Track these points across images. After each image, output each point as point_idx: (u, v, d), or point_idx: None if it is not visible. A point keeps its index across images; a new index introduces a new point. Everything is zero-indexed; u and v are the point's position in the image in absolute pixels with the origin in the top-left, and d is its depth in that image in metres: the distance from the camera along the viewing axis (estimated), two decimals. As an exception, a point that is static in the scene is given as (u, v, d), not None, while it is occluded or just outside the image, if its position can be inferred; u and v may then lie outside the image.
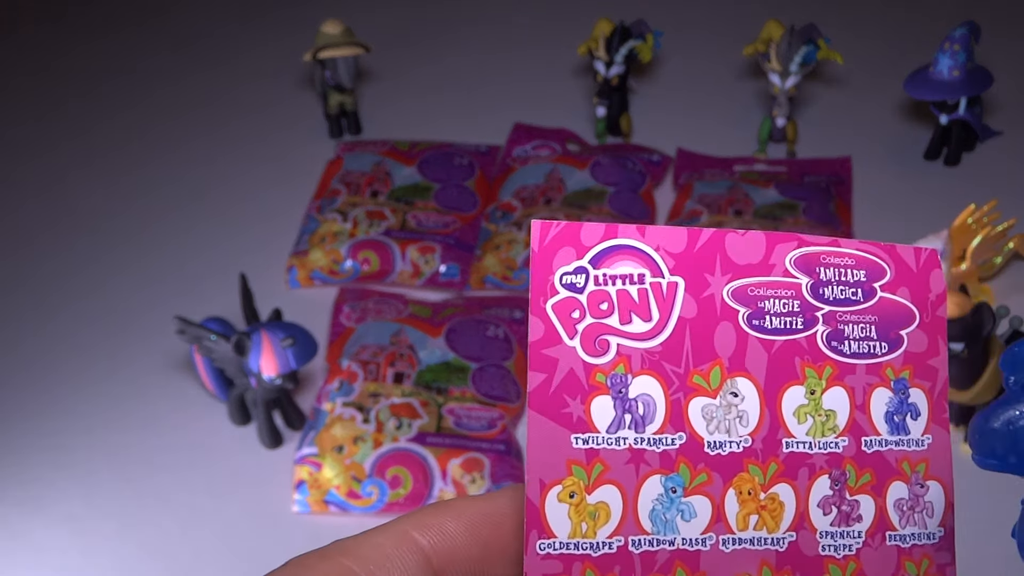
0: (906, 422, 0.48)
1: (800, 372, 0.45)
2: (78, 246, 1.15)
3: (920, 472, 0.48)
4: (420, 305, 1.01)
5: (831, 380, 0.45)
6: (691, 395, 0.43)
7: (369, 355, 0.95)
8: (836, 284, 0.46)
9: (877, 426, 0.47)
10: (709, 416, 0.43)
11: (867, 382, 0.46)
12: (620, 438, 0.41)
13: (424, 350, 0.95)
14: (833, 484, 0.46)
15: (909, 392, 0.48)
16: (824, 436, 0.45)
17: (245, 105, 1.34)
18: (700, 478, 0.43)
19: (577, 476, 0.40)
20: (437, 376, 0.94)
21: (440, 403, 0.92)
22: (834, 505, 0.46)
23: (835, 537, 0.46)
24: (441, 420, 0.90)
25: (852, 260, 0.47)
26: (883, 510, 0.47)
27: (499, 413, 0.92)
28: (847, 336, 0.45)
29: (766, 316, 0.44)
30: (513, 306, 1.03)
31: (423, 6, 1.50)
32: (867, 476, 0.47)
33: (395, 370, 0.94)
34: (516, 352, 0.98)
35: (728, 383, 0.44)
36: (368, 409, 0.91)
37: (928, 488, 0.47)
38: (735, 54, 1.26)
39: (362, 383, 0.93)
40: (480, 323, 0.99)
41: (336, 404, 0.91)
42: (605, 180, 1.13)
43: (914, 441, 0.48)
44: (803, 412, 0.45)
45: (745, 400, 0.44)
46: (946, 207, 1.03)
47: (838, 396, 0.45)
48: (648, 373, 0.42)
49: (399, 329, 0.97)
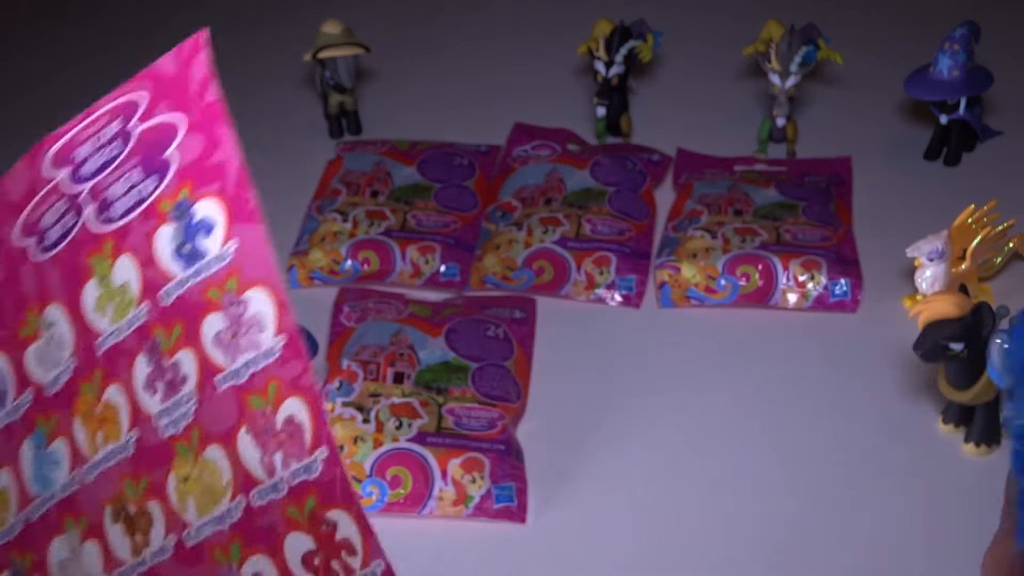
0: (200, 244, 0.42)
1: (87, 266, 0.40)
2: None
3: (232, 289, 0.42)
4: (420, 305, 1.01)
5: (114, 253, 0.41)
6: (24, 348, 0.40)
7: (369, 355, 0.95)
8: (94, 155, 0.42)
9: (169, 270, 0.42)
10: (40, 358, 0.40)
11: (145, 231, 0.41)
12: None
13: (424, 350, 0.95)
14: (150, 359, 0.41)
15: (193, 211, 0.42)
16: (127, 315, 0.41)
17: (245, 105, 1.33)
18: (51, 423, 0.40)
19: None
20: (437, 376, 0.93)
21: (440, 403, 0.91)
22: (157, 380, 0.41)
23: (170, 413, 0.41)
24: (441, 420, 0.90)
25: (107, 117, 0.43)
26: (204, 357, 0.42)
27: (499, 413, 0.91)
28: (112, 200, 0.42)
29: (47, 233, 0.40)
30: (513, 306, 1.03)
31: (423, 6, 1.50)
32: (178, 329, 0.41)
33: (395, 370, 0.94)
34: (516, 352, 0.97)
35: (43, 318, 0.40)
36: (368, 409, 0.90)
37: (246, 303, 0.41)
38: (735, 54, 1.26)
39: (362, 383, 0.93)
40: (480, 323, 0.99)
41: (336, 404, 0.91)
42: (605, 180, 1.13)
43: (216, 259, 0.42)
44: (102, 303, 0.41)
45: (56, 325, 0.41)
46: (946, 207, 1.03)
47: (125, 265, 0.41)
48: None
49: (399, 329, 0.97)
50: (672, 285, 1.04)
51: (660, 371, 0.98)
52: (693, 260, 1.04)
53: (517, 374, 0.96)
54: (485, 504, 0.86)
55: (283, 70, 1.37)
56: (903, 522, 0.85)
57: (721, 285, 1.03)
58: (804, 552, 0.84)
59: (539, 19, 1.46)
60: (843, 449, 0.91)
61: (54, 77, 1.41)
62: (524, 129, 1.22)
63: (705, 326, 1.02)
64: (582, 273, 1.05)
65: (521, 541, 0.86)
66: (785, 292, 1.03)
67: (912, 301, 1.02)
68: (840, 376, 0.97)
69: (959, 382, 0.86)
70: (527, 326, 1.01)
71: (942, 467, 0.89)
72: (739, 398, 0.96)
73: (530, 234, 1.08)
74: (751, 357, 0.99)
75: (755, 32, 1.17)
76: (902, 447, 0.91)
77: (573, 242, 1.07)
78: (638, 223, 1.10)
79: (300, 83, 1.36)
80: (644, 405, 0.95)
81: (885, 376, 0.97)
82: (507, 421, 0.91)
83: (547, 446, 0.92)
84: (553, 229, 1.08)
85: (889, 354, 0.98)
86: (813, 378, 0.97)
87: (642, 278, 1.06)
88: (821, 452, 0.91)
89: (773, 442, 0.92)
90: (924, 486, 0.88)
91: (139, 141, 0.42)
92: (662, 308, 1.04)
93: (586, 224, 1.08)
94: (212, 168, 0.41)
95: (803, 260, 1.03)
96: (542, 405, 0.96)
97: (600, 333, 1.02)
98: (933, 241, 0.95)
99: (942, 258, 0.96)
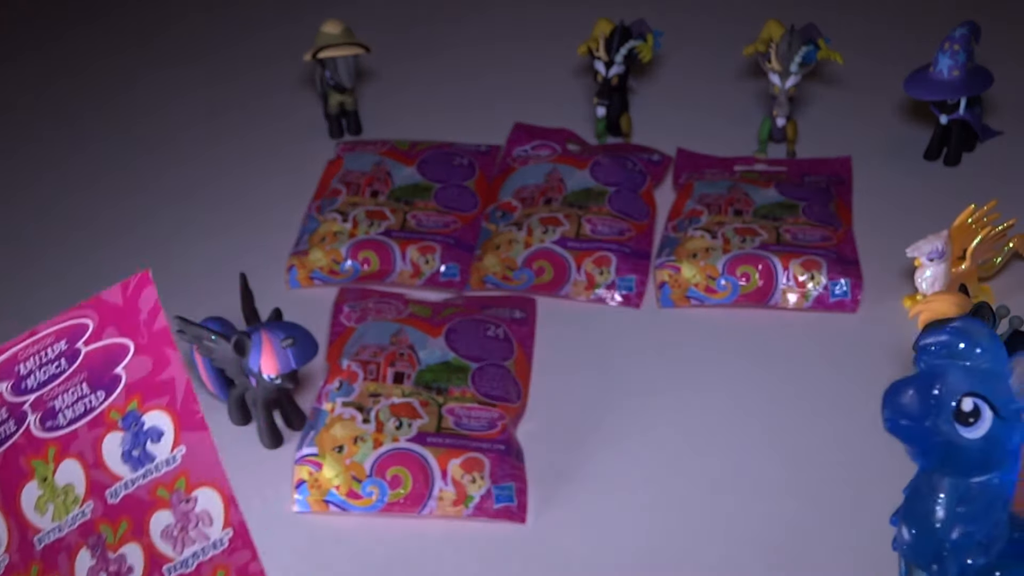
0: (149, 449, 0.48)
1: (28, 469, 0.44)
2: (78, 246, 1.15)
3: (181, 488, 0.48)
4: (420, 305, 1.01)
5: (58, 457, 0.45)
6: None
7: (369, 355, 0.95)
8: (38, 370, 0.46)
9: (116, 471, 0.47)
10: None
11: (94, 437, 0.47)
12: None
13: (424, 350, 0.95)
14: (93, 553, 0.46)
15: (143, 420, 0.48)
16: (70, 512, 0.45)
17: (245, 105, 1.34)
18: None
19: None
20: (437, 376, 0.93)
21: (440, 403, 0.91)
22: (101, 573, 0.45)
23: None
24: (441, 420, 0.90)
25: (52, 338, 0.47)
26: (151, 549, 0.46)
27: (499, 413, 0.91)
28: (59, 409, 0.46)
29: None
30: (513, 306, 1.03)
31: (423, 7, 1.50)
32: (124, 524, 0.47)
33: (395, 370, 0.93)
34: (516, 352, 0.97)
35: None
36: (368, 409, 0.90)
37: (195, 500, 0.46)
38: (735, 54, 1.26)
39: (362, 383, 0.92)
40: (480, 323, 0.99)
41: (336, 404, 0.91)
42: (605, 180, 1.13)
43: (164, 461, 0.48)
44: (43, 502, 0.45)
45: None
46: (946, 207, 1.03)
47: (70, 468, 0.46)
48: None
49: (399, 329, 0.97)
50: (672, 285, 1.04)
51: (660, 371, 0.98)
52: (693, 260, 1.04)
53: (517, 374, 0.96)
54: (485, 504, 0.86)
55: (283, 70, 1.37)
56: (903, 522, 0.85)
57: (721, 285, 1.03)
58: (804, 552, 0.84)
59: (539, 19, 1.46)
60: (843, 449, 0.91)
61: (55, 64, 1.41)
62: (524, 129, 1.22)
63: (705, 326, 1.02)
64: (582, 273, 1.05)
65: (521, 541, 0.86)
66: (785, 292, 1.03)
67: (912, 301, 1.02)
68: (840, 376, 0.97)
69: (959, 382, 0.86)
70: (527, 326, 1.01)
71: (942, 467, 0.89)
72: (739, 398, 0.96)
73: (530, 234, 1.08)
74: (751, 357, 0.99)
75: (755, 32, 1.17)
76: (902, 447, 0.91)
77: (573, 242, 1.07)
78: (638, 223, 1.10)
79: (300, 83, 1.36)
80: (644, 405, 0.95)
81: (885, 376, 0.96)
82: (507, 421, 0.91)
83: (547, 446, 0.92)
84: (553, 229, 1.08)
85: (889, 354, 0.98)
86: (813, 378, 0.97)
87: (642, 278, 1.06)
88: (821, 452, 0.91)
89: (773, 442, 0.92)
90: (924, 486, 0.88)
91: (87, 358, 0.46)
92: (662, 308, 1.04)
93: (586, 224, 1.08)
94: (160, 384, 0.46)
95: (803, 260, 1.03)
96: (542, 405, 0.96)
97: (600, 333, 1.02)
98: (933, 241, 0.95)
99: (942, 258, 0.96)
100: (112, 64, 1.42)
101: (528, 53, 1.39)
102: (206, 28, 1.48)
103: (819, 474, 0.89)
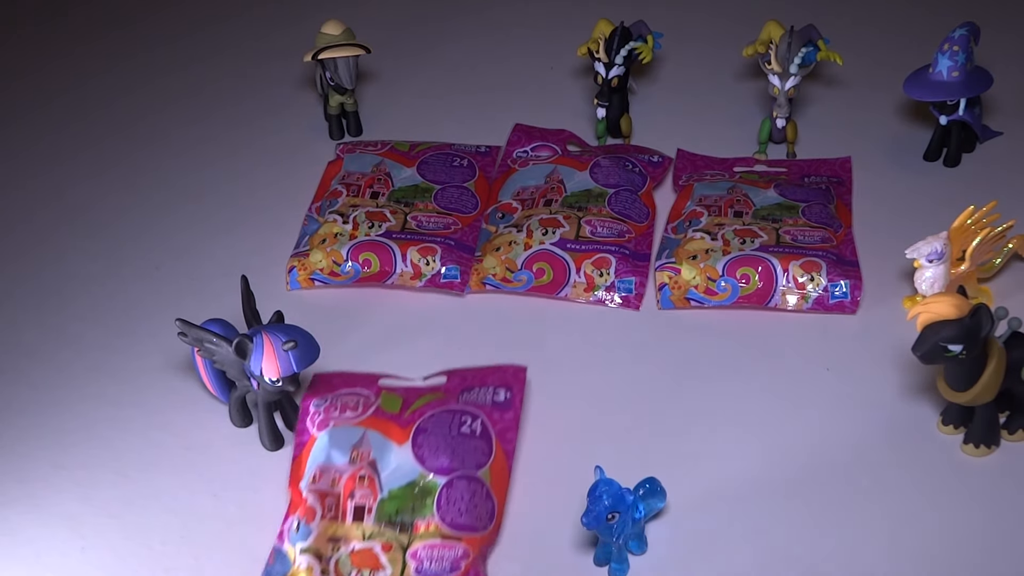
0: None
1: None
2: (78, 248, 1.15)
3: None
4: (391, 394, 0.92)
5: None
6: None
7: (327, 483, 0.87)
8: None
9: None
10: None
11: None
12: None
13: (387, 468, 0.87)
14: None
15: None
16: None
17: (245, 105, 1.34)
18: None
19: None
20: (401, 504, 0.86)
21: (404, 545, 0.84)
22: None
23: None
24: (404, 568, 0.83)
25: None
26: None
27: (463, 550, 0.84)
28: None
29: None
30: (498, 382, 0.92)
31: (423, 7, 1.50)
32: None
33: (355, 502, 0.86)
34: (494, 453, 0.88)
35: None
36: (328, 559, 0.84)
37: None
38: (735, 54, 1.26)
39: (320, 523, 0.85)
40: (455, 415, 0.89)
41: (296, 551, 0.84)
42: (605, 181, 1.13)
43: None
44: None
45: None
46: (946, 208, 1.04)
47: None
48: None
49: (362, 436, 0.88)
50: (672, 287, 1.04)
51: (660, 373, 0.98)
52: (693, 262, 1.04)
53: (492, 485, 0.87)
54: None
55: (283, 70, 1.38)
56: (903, 522, 0.85)
57: (721, 287, 1.03)
58: (804, 552, 0.84)
59: (539, 20, 1.46)
60: (843, 449, 0.91)
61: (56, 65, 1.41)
62: (524, 130, 1.22)
63: (705, 328, 1.02)
64: (582, 275, 1.05)
65: None
66: (785, 294, 1.03)
67: (911, 302, 1.02)
68: (840, 376, 0.97)
69: (958, 383, 0.86)
70: (510, 410, 0.90)
71: (942, 468, 0.89)
72: (739, 399, 0.96)
73: (530, 235, 1.08)
74: (751, 358, 0.99)
75: (755, 32, 1.17)
76: (902, 447, 0.91)
77: (573, 243, 1.07)
78: (638, 224, 1.10)
79: (300, 83, 1.36)
80: (644, 406, 0.95)
81: (885, 377, 0.97)
82: (472, 559, 0.84)
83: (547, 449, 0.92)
84: (553, 231, 1.08)
85: (889, 355, 0.98)
86: (813, 378, 0.97)
87: (642, 280, 1.06)
88: (821, 452, 0.91)
89: (773, 443, 0.92)
90: (924, 487, 0.88)
91: None
92: (662, 310, 1.04)
93: (586, 226, 1.08)
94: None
95: (803, 262, 1.03)
96: (543, 406, 0.96)
97: (600, 335, 1.02)
98: (932, 242, 0.95)
99: (941, 259, 0.96)
100: (112, 65, 1.42)
101: (528, 53, 1.39)
102: (206, 29, 1.48)
103: (819, 474, 0.89)
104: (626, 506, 0.78)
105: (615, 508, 0.77)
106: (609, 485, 0.78)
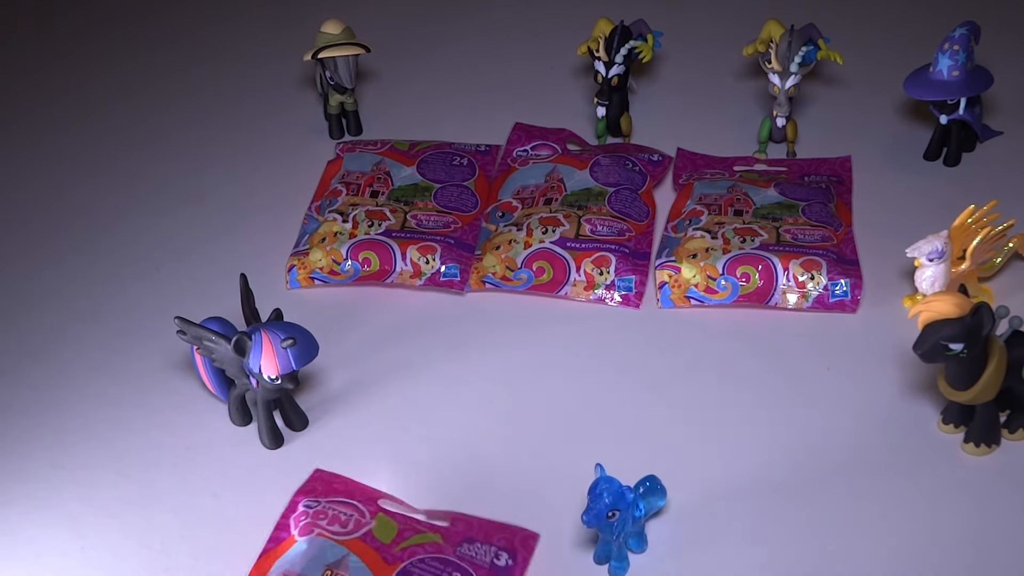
0: None
1: None
2: (78, 248, 1.15)
3: None
4: (388, 519, 0.83)
5: None
6: None
7: None
8: None
9: None
10: None
11: None
12: None
13: None
14: None
15: None
16: None
17: (245, 106, 1.34)
18: None
19: None
20: None
21: None
22: None
23: None
24: None
25: None
26: None
27: None
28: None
29: None
30: (501, 543, 0.82)
31: (423, 6, 1.50)
32: None
33: None
34: None
35: None
36: None
37: None
38: (735, 54, 1.26)
39: None
40: (445, 569, 0.79)
41: None
42: (605, 180, 1.13)
43: None
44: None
45: None
46: (946, 207, 1.04)
47: None
48: None
49: (341, 559, 0.80)
50: (672, 285, 1.04)
51: (660, 371, 0.98)
52: (693, 260, 1.04)
53: None
54: None
55: (283, 70, 1.38)
56: (903, 522, 0.85)
57: (721, 285, 1.03)
58: (804, 553, 0.84)
59: (539, 19, 1.46)
60: (843, 449, 0.91)
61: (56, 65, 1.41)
62: (524, 129, 1.22)
63: (705, 327, 1.02)
64: (581, 273, 1.05)
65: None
66: (785, 292, 1.03)
67: (912, 301, 1.02)
68: (840, 376, 0.97)
69: (958, 382, 0.86)
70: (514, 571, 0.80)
71: (942, 467, 0.89)
72: (739, 398, 0.96)
73: (530, 234, 1.08)
74: (751, 357, 0.99)
75: (755, 32, 1.17)
76: (902, 447, 0.91)
77: (573, 242, 1.07)
78: (638, 223, 1.10)
79: (300, 83, 1.36)
80: (644, 405, 0.95)
81: (885, 376, 0.97)
82: None
83: (547, 443, 0.92)
84: (553, 229, 1.08)
85: (889, 354, 0.98)
86: (813, 378, 0.97)
87: (642, 278, 1.06)
88: (821, 452, 0.91)
89: (773, 442, 0.92)
90: (924, 486, 0.88)
91: None
92: (662, 308, 1.04)
93: (586, 224, 1.08)
94: None
95: (803, 260, 1.03)
96: (543, 405, 0.96)
97: (600, 333, 1.02)
98: (933, 241, 0.95)
99: (942, 258, 0.96)
100: (112, 66, 1.42)
101: (528, 53, 1.39)
102: (206, 28, 1.48)
103: (819, 474, 0.89)
104: (626, 504, 0.78)
105: (615, 506, 0.77)
106: (609, 483, 0.78)
